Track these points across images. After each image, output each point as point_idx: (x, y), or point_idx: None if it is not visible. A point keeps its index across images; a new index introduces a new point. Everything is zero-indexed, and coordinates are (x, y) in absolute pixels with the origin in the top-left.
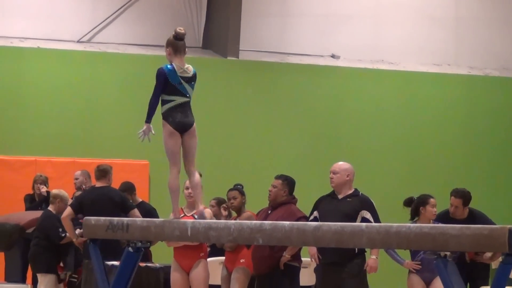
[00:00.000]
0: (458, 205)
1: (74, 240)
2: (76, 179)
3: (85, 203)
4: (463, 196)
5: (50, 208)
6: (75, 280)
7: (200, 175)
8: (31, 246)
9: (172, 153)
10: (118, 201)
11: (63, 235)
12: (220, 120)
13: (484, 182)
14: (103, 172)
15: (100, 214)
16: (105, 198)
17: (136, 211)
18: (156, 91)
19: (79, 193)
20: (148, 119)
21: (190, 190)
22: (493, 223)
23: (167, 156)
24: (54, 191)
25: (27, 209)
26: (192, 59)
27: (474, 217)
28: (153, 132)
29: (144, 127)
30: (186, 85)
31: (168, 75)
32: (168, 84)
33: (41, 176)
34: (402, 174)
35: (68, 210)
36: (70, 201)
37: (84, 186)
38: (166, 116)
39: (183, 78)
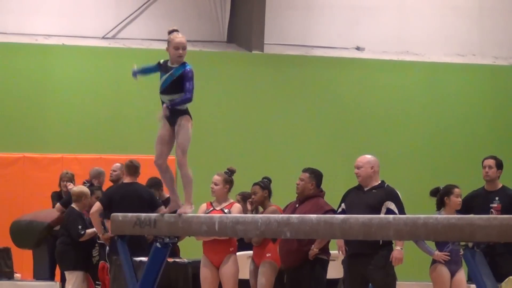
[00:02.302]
0: (491, 165)
1: (100, 235)
2: (114, 171)
3: (114, 199)
4: (495, 157)
5: (74, 205)
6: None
7: None
8: (57, 244)
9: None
10: (147, 198)
11: (82, 232)
12: (245, 114)
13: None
14: (133, 168)
15: (128, 211)
16: (134, 194)
17: (163, 208)
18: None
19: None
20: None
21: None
22: None
23: (187, 148)
24: (74, 189)
25: (54, 206)
26: (217, 54)
27: (507, 192)
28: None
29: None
30: None
31: None
32: None
33: (67, 173)
34: (428, 165)
35: (97, 205)
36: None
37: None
38: (188, 112)
39: None
